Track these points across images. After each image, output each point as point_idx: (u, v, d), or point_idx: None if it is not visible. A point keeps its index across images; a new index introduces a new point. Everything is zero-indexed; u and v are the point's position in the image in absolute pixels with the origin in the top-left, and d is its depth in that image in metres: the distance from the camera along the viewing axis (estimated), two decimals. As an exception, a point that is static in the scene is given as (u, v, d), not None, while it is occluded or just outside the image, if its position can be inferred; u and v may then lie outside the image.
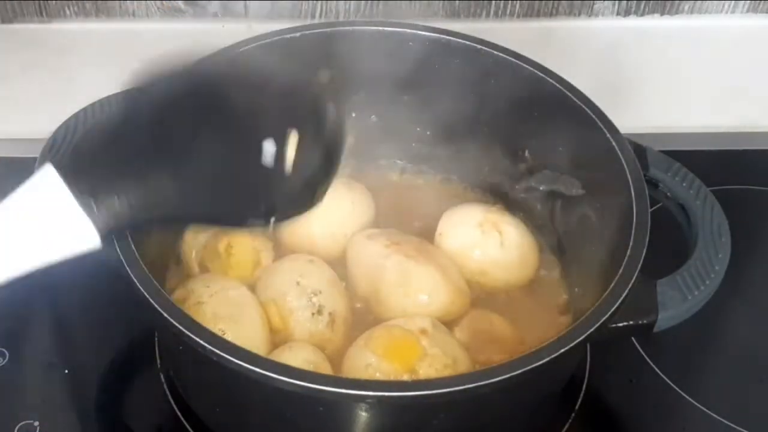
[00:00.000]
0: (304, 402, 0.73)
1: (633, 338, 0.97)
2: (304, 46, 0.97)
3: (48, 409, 0.90)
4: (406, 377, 0.80)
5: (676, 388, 0.94)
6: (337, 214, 0.96)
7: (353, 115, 1.04)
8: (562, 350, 0.73)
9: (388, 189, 1.04)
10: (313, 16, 1.14)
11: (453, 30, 0.97)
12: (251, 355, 0.71)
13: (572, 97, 0.91)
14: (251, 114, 0.65)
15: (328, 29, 0.98)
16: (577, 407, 0.92)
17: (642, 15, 1.17)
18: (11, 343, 0.95)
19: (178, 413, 0.90)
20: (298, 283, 0.88)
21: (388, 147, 1.07)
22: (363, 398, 0.72)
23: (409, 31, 0.98)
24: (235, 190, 0.67)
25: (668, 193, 0.89)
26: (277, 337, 0.88)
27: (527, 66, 0.94)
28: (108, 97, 0.92)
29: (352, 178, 1.01)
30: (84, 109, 0.91)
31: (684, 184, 0.88)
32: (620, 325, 0.77)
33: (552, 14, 1.16)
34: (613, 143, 0.87)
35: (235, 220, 0.72)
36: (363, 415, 0.76)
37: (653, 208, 0.83)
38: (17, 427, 0.87)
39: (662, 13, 1.17)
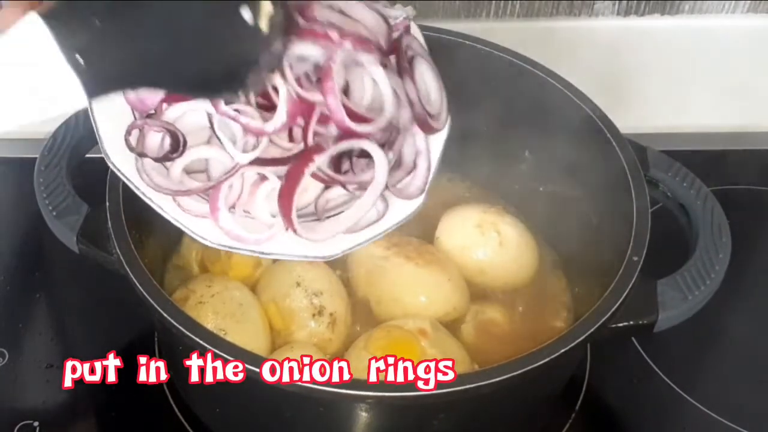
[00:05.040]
0: (304, 402, 0.73)
1: (633, 338, 0.97)
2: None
3: (48, 409, 0.90)
4: (405, 378, 0.80)
5: (676, 388, 0.94)
6: (338, 214, 0.96)
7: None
8: (562, 350, 0.73)
9: (389, 189, 1.04)
10: (313, 16, 1.14)
11: (453, 30, 0.97)
12: (251, 355, 0.71)
13: (572, 97, 0.91)
14: None
15: (328, 29, 0.98)
16: (577, 407, 0.92)
17: (642, 15, 1.17)
18: (11, 343, 0.95)
19: (178, 413, 0.90)
20: (298, 284, 0.88)
21: (388, 147, 1.07)
22: (363, 398, 0.72)
23: (409, 31, 0.98)
24: (213, 51, 0.64)
25: (668, 193, 0.89)
26: (278, 338, 0.88)
27: (528, 66, 0.94)
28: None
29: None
30: (84, 109, 0.91)
31: (684, 184, 0.88)
32: (620, 325, 0.77)
33: (552, 14, 1.16)
34: (614, 143, 0.87)
35: (212, 87, 0.67)
36: (363, 415, 0.76)
37: (653, 208, 0.83)
38: (17, 427, 0.88)
39: (662, 13, 1.17)
